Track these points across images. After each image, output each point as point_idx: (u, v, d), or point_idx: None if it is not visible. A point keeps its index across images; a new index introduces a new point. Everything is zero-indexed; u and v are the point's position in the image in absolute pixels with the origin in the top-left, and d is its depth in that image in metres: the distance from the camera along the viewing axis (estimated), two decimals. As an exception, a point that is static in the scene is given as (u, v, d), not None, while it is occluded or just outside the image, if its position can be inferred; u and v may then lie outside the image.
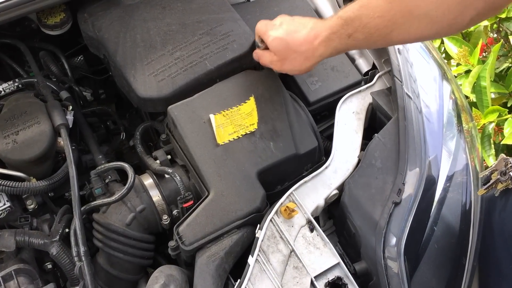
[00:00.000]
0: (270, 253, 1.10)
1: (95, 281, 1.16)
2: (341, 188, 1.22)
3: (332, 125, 1.30)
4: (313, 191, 1.20)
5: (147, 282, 1.14)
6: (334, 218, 1.31)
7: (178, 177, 1.22)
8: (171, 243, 1.14)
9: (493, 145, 1.95)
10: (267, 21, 1.21)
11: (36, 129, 1.24)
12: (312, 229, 1.14)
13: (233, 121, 1.23)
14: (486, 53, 2.20)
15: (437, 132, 1.27)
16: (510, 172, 1.20)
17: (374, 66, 1.44)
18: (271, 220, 1.13)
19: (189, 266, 1.16)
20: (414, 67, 1.35)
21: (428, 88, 1.34)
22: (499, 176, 1.21)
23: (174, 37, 1.34)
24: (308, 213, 1.15)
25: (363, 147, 1.27)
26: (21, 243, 1.19)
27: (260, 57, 1.24)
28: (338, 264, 1.11)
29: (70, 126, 1.31)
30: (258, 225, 1.13)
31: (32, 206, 1.26)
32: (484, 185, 1.25)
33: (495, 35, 2.31)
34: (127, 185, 1.18)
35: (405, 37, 1.09)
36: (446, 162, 1.24)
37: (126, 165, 1.23)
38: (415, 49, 1.43)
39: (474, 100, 1.99)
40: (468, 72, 2.06)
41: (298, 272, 1.09)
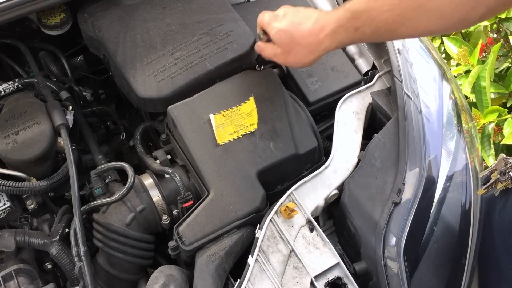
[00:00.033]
0: (270, 253, 1.10)
1: (95, 281, 1.16)
2: (341, 188, 1.22)
3: (332, 125, 1.30)
4: (313, 191, 1.20)
5: (147, 282, 1.14)
6: (334, 218, 1.31)
7: (178, 177, 1.22)
8: (171, 243, 1.14)
9: (492, 145, 1.95)
10: (269, 12, 1.16)
11: (36, 129, 1.24)
12: (312, 229, 1.14)
13: (233, 121, 1.23)
14: (486, 53, 2.20)
15: (437, 132, 1.27)
16: (509, 172, 1.20)
17: (374, 66, 1.44)
18: (271, 220, 1.13)
19: (189, 266, 1.16)
20: (414, 67, 1.35)
21: (428, 88, 1.34)
22: (498, 176, 1.21)
23: (174, 37, 1.34)
24: (308, 213, 1.15)
25: (363, 147, 1.27)
26: (21, 243, 1.19)
27: (263, 50, 1.19)
28: (338, 264, 1.11)
29: (70, 126, 1.31)
30: (258, 225, 1.13)
31: (32, 206, 1.26)
32: (484, 184, 1.25)
33: (495, 35, 2.31)
34: (127, 185, 1.18)
35: (413, 32, 1.06)
36: (445, 162, 1.24)
37: (126, 165, 1.23)
38: (415, 49, 1.43)
39: (474, 100, 1.99)
40: (467, 72, 2.06)
41: (298, 272, 1.09)
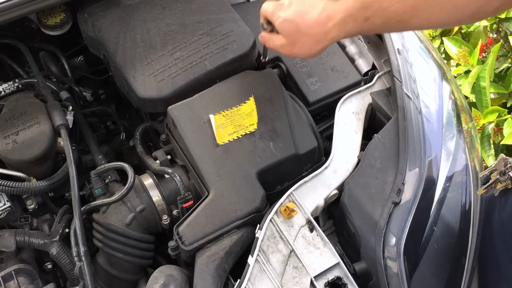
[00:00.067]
0: (270, 253, 1.10)
1: (95, 281, 1.16)
2: (340, 188, 1.22)
3: (332, 125, 1.30)
4: (313, 191, 1.20)
5: (147, 282, 1.14)
6: (333, 218, 1.32)
7: (178, 177, 1.22)
8: (171, 243, 1.14)
9: (492, 145, 1.95)
10: (274, 1, 1.12)
11: (36, 129, 1.24)
12: (311, 229, 1.14)
13: (233, 121, 1.23)
14: (486, 53, 2.20)
15: (437, 132, 1.27)
16: (509, 172, 1.20)
17: (373, 67, 1.44)
18: (271, 220, 1.13)
19: (189, 266, 1.16)
20: (414, 68, 1.35)
21: (428, 89, 1.34)
22: (498, 176, 1.22)
23: (174, 38, 1.34)
24: (307, 213, 1.15)
25: (363, 147, 1.27)
26: (21, 243, 1.19)
27: (268, 41, 1.15)
28: (337, 264, 1.11)
29: (70, 127, 1.31)
30: (258, 225, 1.13)
31: (32, 206, 1.26)
32: (483, 185, 1.25)
33: (495, 35, 2.31)
34: (127, 185, 1.18)
35: (425, 24, 1.03)
36: (445, 162, 1.24)
37: (126, 165, 1.23)
38: (415, 49, 1.43)
39: (474, 100, 1.99)
40: (467, 72, 2.06)
41: (298, 272, 1.09)
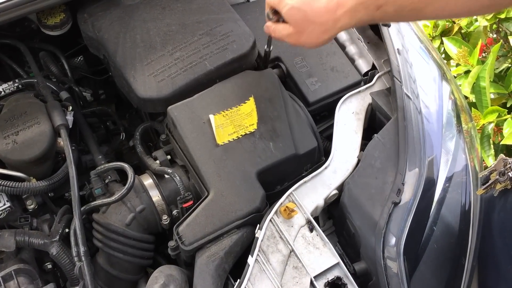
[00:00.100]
0: (270, 253, 1.10)
1: (95, 281, 1.16)
2: (340, 188, 1.22)
3: (332, 126, 1.30)
4: (313, 191, 1.20)
5: (147, 282, 1.14)
6: (333, 218, 1.32)
7: (177, 177, 1.22)
8: (171, 243, 1.14)
9: (492, 146, 1.95)
10: None
11: (36, 129, 1.24)
12: (311, 229, 1.14)
13: (232, 121, 1.23)
14: (486, 53, 2.20)
15: (437, 132, 1.27)
16: (509, 172, 1.20)
17: (373, 67, 1.44)
18: (270, 220, 1.13)
19: (189, 266, 1.16)
20: (414, 68, 1.35)
21: (428, 89, 1.34)
22: (498, 177, 1.21)
23: (174, 38, 1.34)
24: (307, 213, 1.15)
25: (363, 147, 1.27)
26: (21, 243, 1.20)
27: (274, 31, 1.12)
28: (337, 264, 1.11)
29: (70, 127, 1.31)
30: (258, 225, 1.13)
31: (32, 206, 1.26)
32: (483, 185, 1.25)
33: (495, 35, 2.31)
34: (127, 185, 1.18)
35: (440, 13, 1.00)
36: (445, 162, 1.24)
37: (126, 165, 1.23)
38: (415, 49, 1.43)
39: (474, 100, 1.99)
40: (467, 72, 2.06)
41: (297, 272, 1.09)
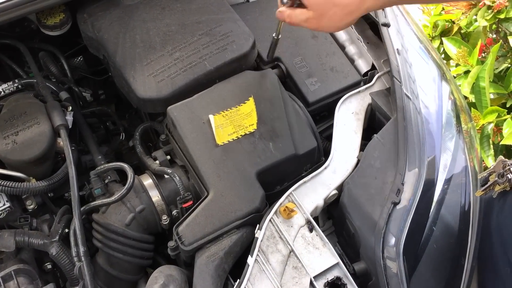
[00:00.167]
0: (270, 253, 1.10)
1: (95, 281, 1.16)
2: (340, 188, 1.22)
3: (332, 126, 1.30)
4: (312, 191, 1.20)
5: (146, 282, 1.14)
6: (333, 218, 1.32)
7: (177, 178, 1.22)
8: (171, 243, 1.14)
9: (492, 146, 1.95)
10: None
11: (36, 129, 1.24)
12: (311, 229, 1.14)
13: (232, 121, 1.23)
14: (485, 53, 2.20)
15: (436, 132, 1.27)
16: (507, 174, 1.19)
17: (373, 67, 1.44)
18: (270, 220, 1.13)
19: (189, 266, 1.16)
20: (413, 68, 1.35)
21: (427, 89, 1.34)
22: (496, 178, 1.21)
23: (174, 38, 1.34)
24: (307, 213, 1.15)
25: (362, 147, 1.27)
26: (21, 243, 1.20)
27: (289, 16, 1.06)
28: (337, 264, 1.11)
29: (70, 127, 1.31)
30: (258, 225, 1.13)
31: (31, 206, 1.26)
32: (482, 186, 1.25)
33: (494, 35, 2.31)
34: (126, 186, 1.18)
35: None
36: (445, 162, 1.24)
37: (125, 166, 1.23)
38: (414, 49, 1.43)
39: (473, 100, 1.99)
40: (467, 72, 2.06)
41: (297, 272, 1.09)
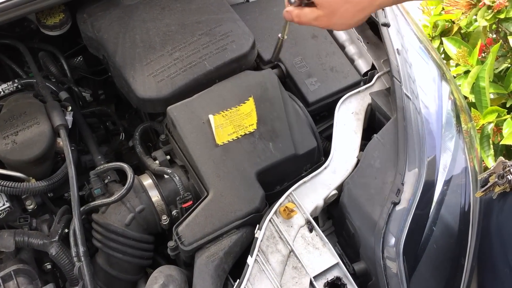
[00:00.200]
0: (269, 253, 1.10)
1: (94, 281, 1.16)
2: (340, 188, 1.22)
3: (331, 126, 1.30)
4: (312, 192, 1.20)
5: (146, 282, 1.14)
6: (333, 219, 1.32)
7: (177, 178, 1.22)
8: (170, 243, 1.14)
9: (492, 146, 1.95)
10: None
11: (36, 129, 1.24)
12: (311, 229, 1.14)
13: (232, 121, 1.23)
14: (485, 53, 2.20)
15: (436, 132, 1.27)
16: (507, 175, 1.19)
17: (373, 67, 1.44)
18: (270, 220, 1.13)
19: (188, 266, 1.16)
20: (413, 68, 1.35)
21: (427, 89, 1.34)
22: (496, 179, 1.21)
23: (173, 38, 1.34)
24: (307, 213, 1.15)
25: (362, 147, 1.27)
26: (21, 243, 1.19)
27: (298, 16, 1.02)
28: (337, 264, 1.11)
29: (70, 127, 1.31)
30: (257, 225, 1.13)
31: (31, 206, 1.26)
32: (482, 187, 1.25)
33: (494, 35, 2.31)
34: (126, 186, 1.18)
35: None
36: (445, 162, 1.24)
37: (125, 166, 1.23)
38: (414, 49, 1.43)
39: (473, 100, 1.99)
40: (467, 72, 2.06)
41: (297, 272, 1.09)
